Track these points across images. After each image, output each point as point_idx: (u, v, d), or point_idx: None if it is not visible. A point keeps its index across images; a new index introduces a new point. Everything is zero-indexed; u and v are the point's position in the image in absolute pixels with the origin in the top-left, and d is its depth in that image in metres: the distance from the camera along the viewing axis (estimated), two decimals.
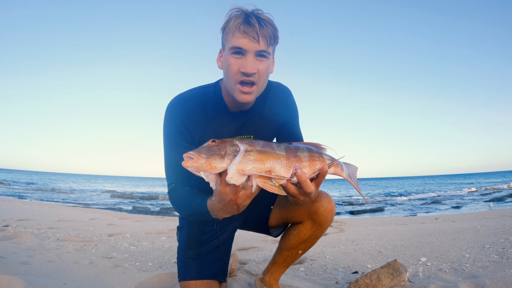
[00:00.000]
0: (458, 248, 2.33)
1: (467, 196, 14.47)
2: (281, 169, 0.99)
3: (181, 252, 1.43)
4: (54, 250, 2.51)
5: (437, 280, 1.68)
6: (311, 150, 1.08)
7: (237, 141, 1.00)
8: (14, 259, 2.06)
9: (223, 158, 0.95)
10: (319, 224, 1.39)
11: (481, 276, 1.65)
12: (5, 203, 6.56)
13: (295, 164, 1.01)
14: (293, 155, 1.02)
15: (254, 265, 2.21)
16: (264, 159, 0.97)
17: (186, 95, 1.30)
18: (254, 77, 1.14)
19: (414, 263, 2.06)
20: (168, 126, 1.27)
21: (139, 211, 8.71)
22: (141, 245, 2.92)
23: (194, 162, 0.95)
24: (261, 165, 0.96)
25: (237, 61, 1.13)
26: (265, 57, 1.14)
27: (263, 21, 1.12)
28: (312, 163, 1.05)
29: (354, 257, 2.35)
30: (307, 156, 1.05)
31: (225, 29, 1.16)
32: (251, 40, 1.10)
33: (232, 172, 0.93)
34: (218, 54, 1.24)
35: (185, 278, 1.39)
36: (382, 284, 1.51)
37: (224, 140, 1.00)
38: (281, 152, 1.01)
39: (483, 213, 5.83)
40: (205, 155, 0.95)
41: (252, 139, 1.04)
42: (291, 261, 1.52)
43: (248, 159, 0.95)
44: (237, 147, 0.98)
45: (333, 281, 1.85)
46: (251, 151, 0.97)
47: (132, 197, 15.97)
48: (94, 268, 2.05)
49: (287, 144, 1.07)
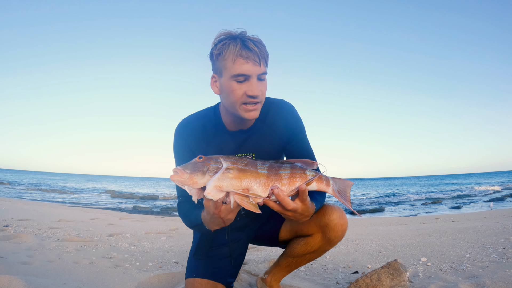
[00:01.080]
0: (458, 248, 2.33)
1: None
2: (259, 188, 1.03)
3: (192, 251, 1.48)
4: (54, 250, 2.51)
5: (437, 280, 1.68)
6: (294, 167, 1.09)
7: (222, 159, 1.04)
8: (14, 259, 2.07)
9: (204, 175, 1.00)
10: (329, 239, 1.38)
11: (481, 276, 1.65)
12: (5, 203, 6.57)
13: (274, 183, 1.05)
14: (274, 173, 1.05)
15: (255, 265, 2.21)
16: (242, 177, 1.02)
17: (190, 118, 1.40)
18: (258, 98, 1.19)
19: (414, 263, 2.06)
20: (175, 146, 1.39)
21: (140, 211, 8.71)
22: (141, 245, 2.92)
23: (179, 177, 1.00)
24: (238, 183, 1.01)
25: (241, 86, 1.17)
26: (264, 78, 1.20)
27: (258, 44, 1.16)
28: (292, 180, 1.07)
29: (354, 257, 2.35)
30: (288, 173, 1.07)
31: (219, 55, 1.18)
32: (254, 65, 1.15)
33: (209, 188, 0.98)
34: (211, 80, 1.27)
35: (192, 275, 1.41)
36: (382, 284, 1.51)
37: (210, 157, 1.05)
38: (262, 171, 1.05)
39: (483, 213, 5.83)
40: (189, 171, 1.00)
41: (238, 157, 1.07)
42: (295, 267, 1.52)
43: (226, 176, 1.00)
44: (220, 164, 1.03)
45: (333, 281, 1.85)
46: (232, 169, 1.02)
47: (132, 197, 15.98)
48: (94, 268, 2.05)
49: (273, 162, 1.09)
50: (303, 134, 1.41)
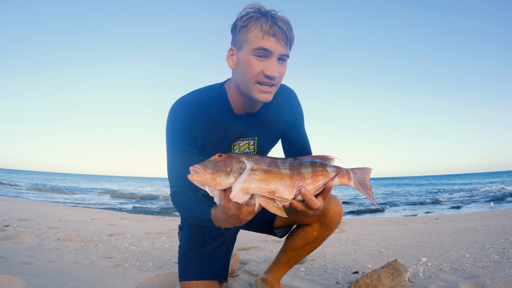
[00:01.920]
0: (458, 248, 2.33)
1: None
2: (285, 190, 1.01)
3: (183, 251, 1.43)
4: (55, 250, 2.51)
5: (438, 280, 1.68)
6: (315, 164, 1.08)
7: (244, 158, 1.01)
8: (15, 259, 2.07)
9: (228, 175, 0.96)
10: (327, 226, 1.39)
11: (482, 276, 1.65)
12: (6, 203, 6.57)
13: (299, 183, 1.02)
14: (296, 173, 1.03)
15: (255, 265, 2.21)
16: (269, 179, 0.99)
17: (189, 97, 1.27)
18: (275, 80, 1.13)
19: (415, 263, 2.06)
20: (171, 130, 1.26)
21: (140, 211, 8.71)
22: (142, 245, 2.92)
23: (200, 176, 0.96)
24: (265, 185, 0.98)
25: (260, 63, 1.10)
26: (285, 60, 1.14)
27: (288, 25, 1.11)
28: (315, 179, 1.05)
29: (354, 257, 2.35)
30: (310, 172, 1.05)
31: (244, 27, 1.11)
32: (279, 44, 1.09)
33: (236, 190, 0.94)
34: (228, 53, 1.19)
35: (186, 278, 1.38)
36: (382, 284, 1.51)
37: (230, 156, 1.01)
38: (285, 171, 1.02)
39: (483, 213, 5.83)
40: (211, 171, 0.96)
41: (259, 156, 1.04)
42: (295, 261, 1.51)
43: (253, 178, 0.96)
44: (243, 164, 0.99)
45: (333, 281, 1.85)
46: (257, 170, 0.98)
47: (132, 197, 15.98)
48: (94, 268, 2.05)
49: (292, 160, 1.07)
50: (303, 122, 1.40)
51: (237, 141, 1.31)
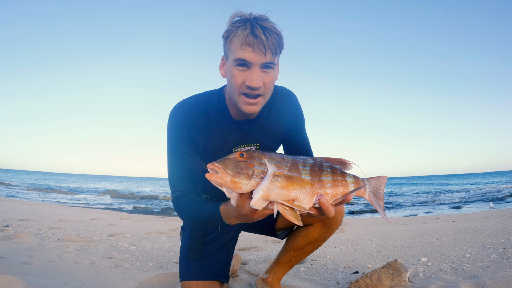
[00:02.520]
0: (458, 248, 2.33)
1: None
2: (305, 199, 0.98)
3: (184, 252, 1.43)
4: (55, 250, 2.51)
5: (438, 280, 1.68)
6: (335, 171, 1.05)
7: (266, 159, 0.97)
8: (15, 259, 2.07)
9: (250, 179, 0.93)
10: (329, 226, 1.39)
11: (482, 276, 1.65)
12: (6, 203, 6.57)
13: (319, 191, 1.00)
14: (317, 180, 1.00)
15: (255, 265, 2.21)
16: (291, 187, 0.95)
17: (189, 102, 1.27)
18: (260, 90, 1.11)
19: (415, 263, 2.06)
20: (172, 133, 1.25)
21: (140, 211, 8.71)
22: (142, 245, 2.92)
23: (219, 178, 0.92)
24: (286, 193, 0.95)
25: (242, 74, 1.09)
26: (270, 68, 1.11)
27: (268, 31, 1.07)
28: (335, 189, 1.03)
29: (354, 257, 2.35)
30: (331, 180, 1.03)
31: (227, 38, 1.11)
32: (257, 54, 1.07)
33: (257, 197, 0.91)
34: (221, 62, 1.21)
35: (187, 278, 1.38)
36: (382, 284, 1.51)
37: (252, 156, 0.97)
38: (306, 177, 0.99)
39: (484, 213, 5.82)
40: (232, 172, 0.92)
41: (280, 157, 1.00)
42: (295, 261, 1.51)
43: (275, 185, 0.93)
44: (265, 168, 0.95)
45: (333, 281, 1.85)
46: (279, 176, 0.95)
47: (132, 197, 15.98)
48: (94, 268, 2.05)
49: (312, 162, 1.03)
50: (303, 125, 1.40)
51: (239, 147, 1.30)
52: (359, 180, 1.08)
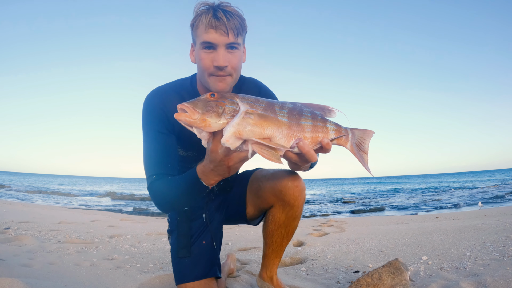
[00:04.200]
0: (459, 247, 2.33)
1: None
2: (281, 140, 0.94)
3: (174, 253, 1.43)
4: (55, 252, 2.51)
5: (439, 278, 1.68)
6: (315, 117, 1.00)
7: (238, 99, 0.93)
8: (15, 261, 2.06)
9: (220, 117, 0.89)
10: (289, 204, 1.37)
11: (482, 274, 1.65)
12: (6, 206, 6.56)
13: (297, 135, 0.96)
14: (295, 123, 0.96)
15: (255, 265, 2.21)
16: (265, 125, 0.91)
17: (164, 87, 1.34)
18: (227, 70, 1.18)
19: (415, 262, 2.06)
20: (148, 115, 1.28)
21: (140, 213, 8.71)
22: (142, 247, 2.92)
23: (188, 116, 0.89)
24: (260, 131, 0.90)
25: (208, 56, 1.17)
26: (236, 48, 1.18)
27: (229, 14, 1.15)
28: (315, 134, 0.99)
29: (355, 256, 2.35)
30: (310, 126, 0.98)
31: (194, 25, 1.19)
32: (220, 34, 1.14)
33: (228, 134, 0.87)
34: (191, 49, 1.28)
35: (182, 280, 1.38)
36: (383, 283, 1.51)
37: (224, 96, 0.94)
38: (283, 119, 0.95)
39: (484, 211, 5.83)
40: (201, 110, 0.89)
41: (255, 98, 0.96)
42: (278, 249, 1.48)
43: (247, 122, 0.89)
44: (237, 106, 0.92)
45: (334, 281, 1.85)
46: (252, 113, 0.91)
47: (132, 199, 15.97)
48: (95, 269, 2.05)
49: (291, 106, 0.99)
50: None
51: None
52: (341, 128, 1.04)
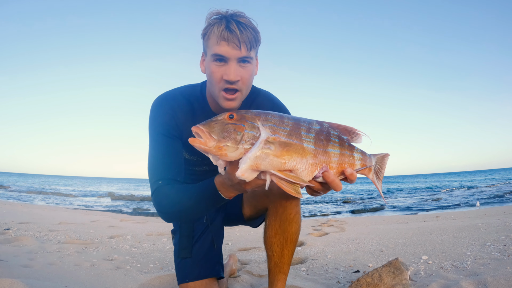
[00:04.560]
0: (459, 246, 2.33)
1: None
2: (305, 172, 0.86)
3: (176, 253, 1.44)
4: (55, 253, 2.50)
5: (439, 278, 1.68)
6: (343, 143, 0.93)
7: (260, 122, 0.85)
8: (15, 262, 2.06)
9: (238, 145, 0.82)
10: (281, 204, 1.26)
11: (483, 273, 1.65)
12: (6, 206, 6.56)
13: (322, 164, 0.88)
14: (322, 151, 0.89)
15: (256, 265, 2.21)
16: (287, 156, 0.83)
17: (174, 92, 1.29)
18: (237, 85, 1.13)
19: (416, 262, 2.06)
20: (157, 118, 1.23)
21: (140, 213, 8.71)
22: (142, 247, 2.92)
23: (203, 144, 0.82)
24: (280, 163, 0.83)
25: (219, 69, 1.12)
26: (248, 62, 1.14)
27: (243, 26, 1.10)
28: (341, 164, 0.92)
29: (355, 256, 2.35)
30: (338, 154, 0.91)
31: (205, 35, 1.15)
32: (233, 48, 1.09)
33: (244, 167, 0.80)
34: (201, 58, 1.24)
35: (184, 280, 1.38)
36: (383, 282, 1.51)
37: (243, 117, 0.85)
38: (309, 146, 0.87)
39: (484, 210, 5.83)
40: (217, 136, 0.82)
41: (279, 117, 0.88)
42: (280, 262, 1.32)
43: (266, 153, 0.81)
44: (258, 132, 0.84)
45: (334, 281, 1.85)
46: (273, 142, 0.82)
47: (132, 199, 15.97)
48: (95, 270, 2.05)
49: (318, 128, 0.91)
50: None
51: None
52: (366, 157, 0.98)
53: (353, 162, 0.95)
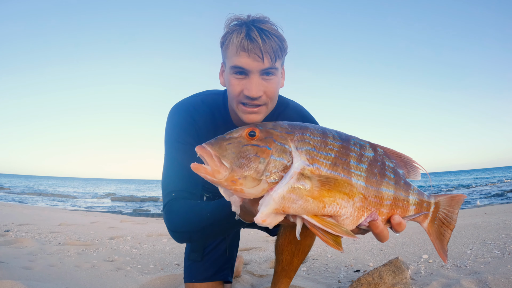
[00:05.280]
0: (459, 245, 2.33)
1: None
2: (349, 219, 0.65)
3: (186, 254, 1.44)
4: (56, 254, 2.50)
5: (439, 277, 1.68)
6: (398, 180, 0.73)
7: (293, 144, 0.62)
8: (16, 263, 2.06)
9: (259, 180, 0.59)
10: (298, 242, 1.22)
11: (483, 272, 1.65)
12: (6, 208, 6.55)
13: (372, 209, 0.68)
14: (374, 190, 0.68)
15: (256, 265, 2.21)
16: (328, 197, 0.61)
17: (194, 99, 1.18)
18: (260, 100, 1.00)
19: (416, 261, 2.06)
20: (174, 125, 1.11)
21: (140, 214, 8.70)
22: (143, 248, 2.92)
23: (209, 174, 0.61)
24: (318, 209, 0.61)
25: (239, 82, 0.99)
26: (272, 74, 1.00)
27: (266, 34, 0.96)
28: (393, 208, 0.72)
29: (355, 255, 2.35)
30: (391, 195, 0.71)
31: (224, 44, 1.02)
32: (254, 59, 0.95)
33: (266, 212, 0.59)
34: (220, 69, 1.13)
35: (191, 280, 1.39)
36: (384, 282, 1.51)
37: (270, 135, 0.63)
38: (359, 182, 0.65)
39: (484, 209, 5.83)
40: (230, 164, 0.60)
41: (322, 139, 0.66)
42: (288, 268, 1.31)
43: (299, 194, 0.59)
44: (288, 159, 0.61)
45: (335, 280, 1.84)
46: (310, 177, 0.60)
47: (132, 200, 15.96)
48: (96, 271, 2.04)
49: (372, 156, 0.70)
50: None
51: None
52: (423, 201, 0.76)
53: (407, 208, 0.74)
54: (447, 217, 0.80)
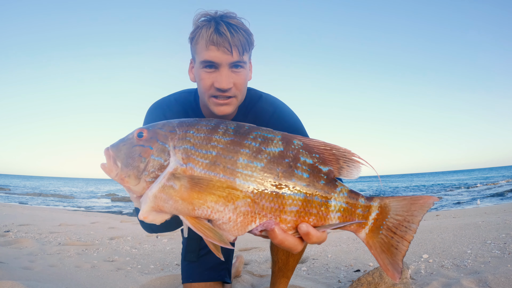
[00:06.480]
0: (459, 244, 2.33)
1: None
2: (229, 224, 0.59)
3: (182, 255, 1.44)
4: (56, 255, 2.50)
5: (439, 276, 1.68)
6: (315, 181, 0.61)
7: (173, 143, 0.62)
8: (16, 264, 2.06)
9: (140, 177, 0.62)
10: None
11: (483, 271, 1.65)
12: (6, 208, 6.55)
13: (268, 215, 0.59)
14: (271, 194, 0.59)
15: (256, 265, 2.21)
16: (197, 199, 0.58)
17: (168, 98, 1.25)
18: (231, 92, 1.04)
19: (416, 260, 2.06)
20: (149, 122, 1.16)
21: None
22: (143, 248, 2.92)
23: (107, 171, 0.66)
24: (189, 210, 0.59)
25: (209, 75, 1.02)
26: (241, 67, 1.04)
27: (234, 28, 1.00)
28: (302, 217, 0.60)
29: (355, 255, 2.35)
30: (299, 200, 0.60)
31: (193, 39, 1.05)
32: (223, 52, 0.99)
33: (145, 210, 0.62)
34: (190, 65, 1.15)
35: (188, 280, 1.39)
36: (384, 281, 1.51)
37: (155, 134, 0.65)
38: (246, 183, 0.58)
39: (484, 208, 5.83)
40: (120, 163, 0.64)
41: (212, 132, 0.64)
42: (285, 268, 1.32)
43: (168, 193, 0.59)
44: (166, 159, 0.62)
45: (335, 280, 1.85)
46: (179, 178, 0.59)
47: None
48: (96, 271, 2.04)
49: (278, 151, 0.62)
50: (302, 133, 1.22)
51: None
52: (356, 205, 0.63)
53: (326, 215, 0.61)
54: (401, 225, 0.63)
